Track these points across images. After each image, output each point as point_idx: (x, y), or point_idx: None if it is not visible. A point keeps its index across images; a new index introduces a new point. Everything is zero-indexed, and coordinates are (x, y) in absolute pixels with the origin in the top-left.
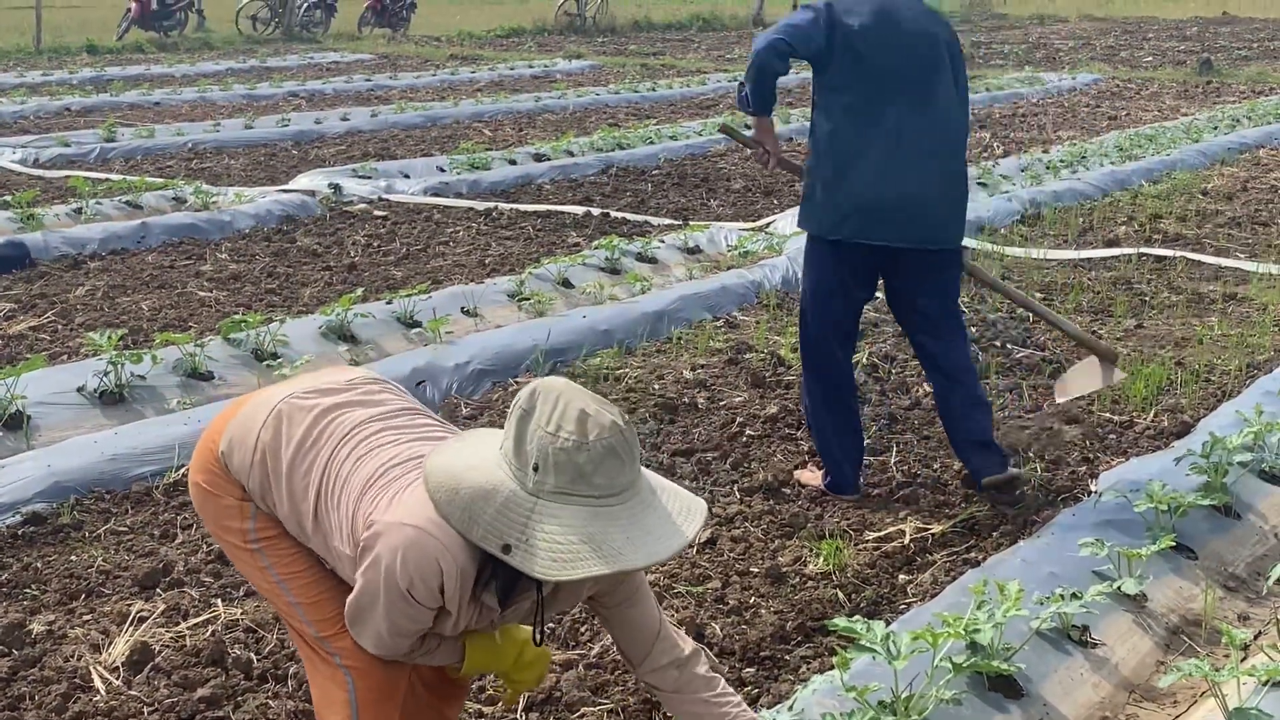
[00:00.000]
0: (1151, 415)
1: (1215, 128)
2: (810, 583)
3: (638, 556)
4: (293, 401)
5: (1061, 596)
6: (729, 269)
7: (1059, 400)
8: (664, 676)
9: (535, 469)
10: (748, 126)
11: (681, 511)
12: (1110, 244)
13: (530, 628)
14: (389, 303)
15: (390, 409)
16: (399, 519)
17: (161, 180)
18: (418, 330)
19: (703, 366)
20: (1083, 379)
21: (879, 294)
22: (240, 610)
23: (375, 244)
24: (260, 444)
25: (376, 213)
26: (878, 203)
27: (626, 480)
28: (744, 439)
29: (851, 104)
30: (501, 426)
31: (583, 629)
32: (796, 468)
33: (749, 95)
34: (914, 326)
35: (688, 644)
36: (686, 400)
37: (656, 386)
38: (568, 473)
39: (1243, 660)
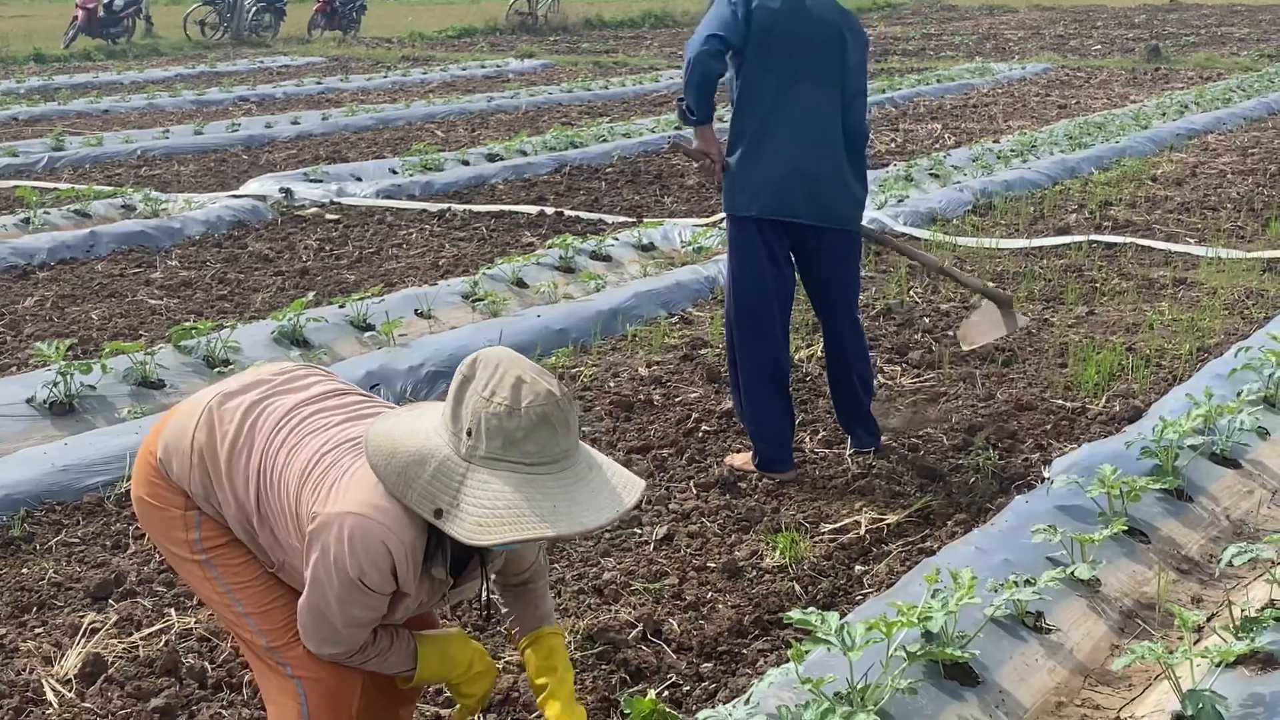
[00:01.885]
0: (1103, 401)
1: (1164, 114)
2: (767, 576)
3: (562, 525)
4: (222, 399)
5: (1015, 583)
6: (683, 265)
7: (963, 349)
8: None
9: (469, 434)
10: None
11: (617, 488)
12: (1061, 232)
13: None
14: (342, 307)
15: (318, 392)
16: (341, 508)
17: (110, 188)
18: (371, 334)
19: (658, 363)
20: (984, 327)
21: None
22: (194, 619)
23: (327, 248)
24: (196, 446)
25: (328, 216)
26: (788, 180)
27: (559, 450)
28: (700, 434)
29: (764, 86)
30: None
31: None
32: (728, 456)
33: (692, 105)
34: (816, 299)
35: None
36: (642, 397)
37: (612, 384)
38: (499, 438)
39: (1196, 642)
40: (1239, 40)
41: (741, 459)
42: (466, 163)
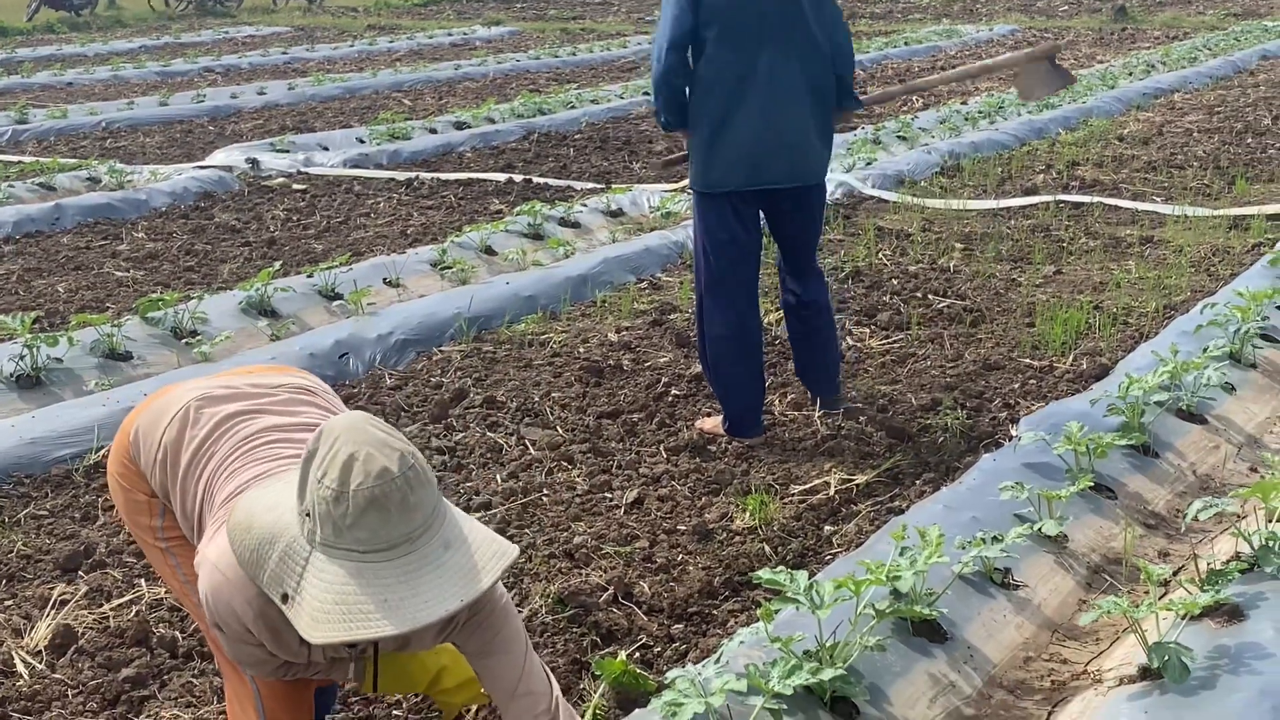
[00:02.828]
0: (1071, 359)
1: (1130, 74)
2: (737, 538)
3: (388, 624)
4: (204, 402)
5: (983, 540)
6: (652, 231)
7: (1028, 102)
8: None
9: (307, 515)
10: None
11: (478, 565)
12: (1028, 192)
13: (452, 651)
14: (310, 276)
15: (299, 422)
16: (206, 554)
17: (75, 161)
18: (340, 303)
19: (627, 328)
20: (1041, 81)
21: None
22: (164, 590)
23: (295, 218)
24: (164, 442)
25: (296, 186)
26: (760, 148)
27: (398, 534)
28: (669, 399)
29: (724, 61)
30: (423, 400)
31: None
32: (698, 421)
33: (667, 117)
34: (784, 251)
35: (548, 698)
36: (612, 363)
37: (581, 350)
38: (329, 524)
39: (1162, 596)
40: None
41: (711, 423)
42: (434, 131)
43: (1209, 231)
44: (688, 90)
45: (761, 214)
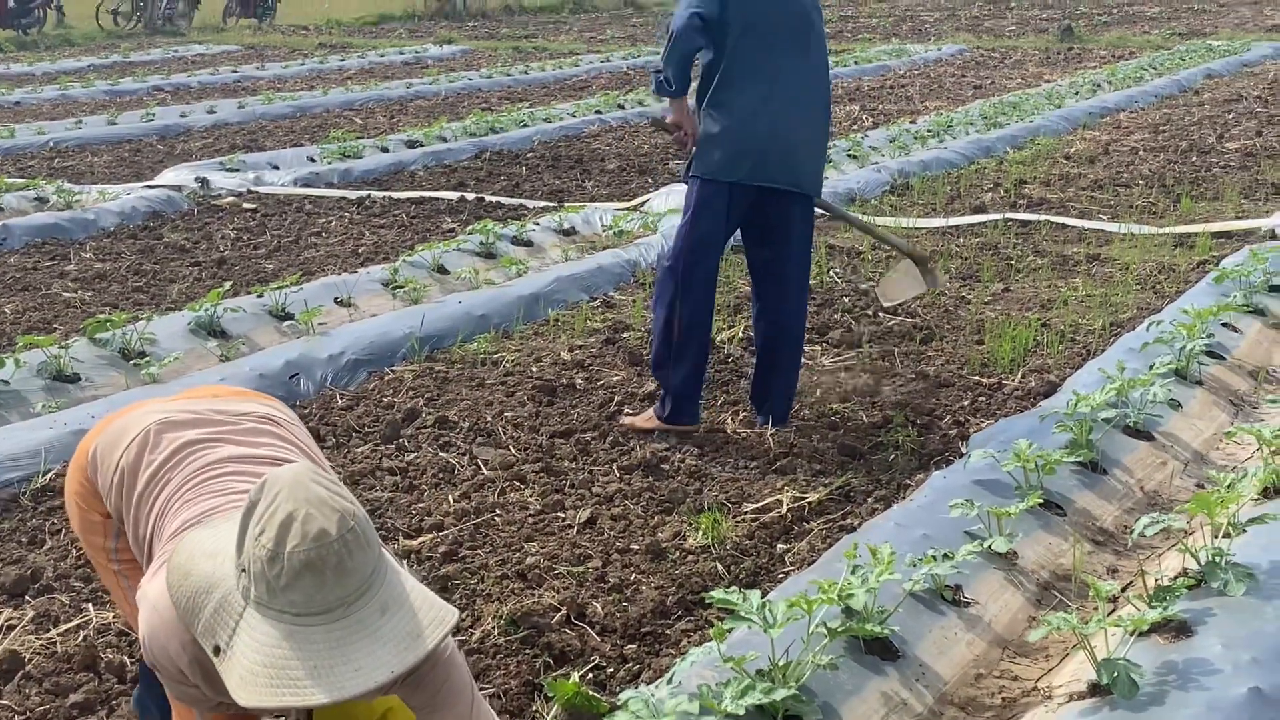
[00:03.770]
0: (1019, 376)
1: (1077, 93)
2: (690, 557)
3: (318, 691)
4: (163, 426)
5: (934, 558)
6: (605, 249)
7: (884, 305)
8: None
9: (242, 570)
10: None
11: (421, 629)
12: (977, 210)
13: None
14: (260, 296)
15: (260, 455)
16: (146, 591)
17: (22, 180)
18: (290, 323)
19: (580, 347)
20: (904, 283)
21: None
22: (112, 615)
23: (245, 237)
24: (121, 465)
25: (246, 205)
26: (772, 146)
27: (333, 598)
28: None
29: (745, 58)
30: (375, 420)
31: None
32: (623, 418)
33: (671, 76)
34: (764, 273)
35: None
36: (565, 381)
37: (534, 369)
38: (263, 583)
39: (1111, 612)
40: (1150, 19)
41: (643, 418)
42: (386, 149)
43: (1155, 249)
44: (711, 83)
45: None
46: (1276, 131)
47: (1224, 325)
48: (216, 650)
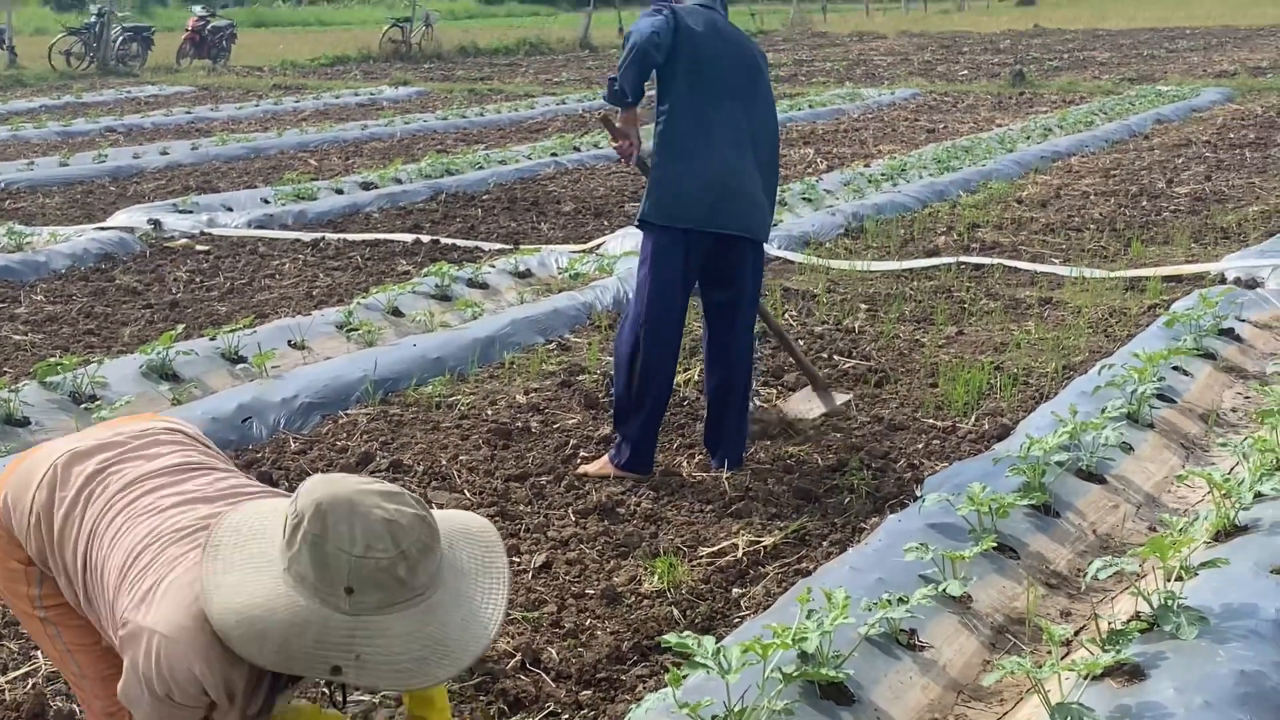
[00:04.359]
0: (973, 419)
1: (1029, 137)
2: (646, 601)
3: (472, 643)
4: (71, 459)
5: (889, 602)
6: (560, 291)
7: (790, 416)
8: None
9: (349, 591)
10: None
11: (481, 560)
12: (930, 254)
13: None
14: (213, 339)
15: (166, 465)
16: (150, 623)
17: None
18: (243, 366)
19: (535, 390)
20: (805, 404)
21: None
22: (46, 663)
23: (198, 280)
24: (35, 505)
25: (199, 248)
26: (719, 192)
27: (438, 563)
28: (578, 461)
29: (693, 102)
30: (329, 464)
31: None
32: (577, 466)
33: (627, 87)
34: (718, 318)
35: None
36: (520, 425)
37: (489, 412)
38: (388, 587)
39: (1064, 656)
40: (1100, 64)
41: (596, 466)
42: (340, 191)
43: (1106, 293)
44: (662, 130)
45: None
46: (1225, 176)
47: (1175, 369)
48: (336, 670)
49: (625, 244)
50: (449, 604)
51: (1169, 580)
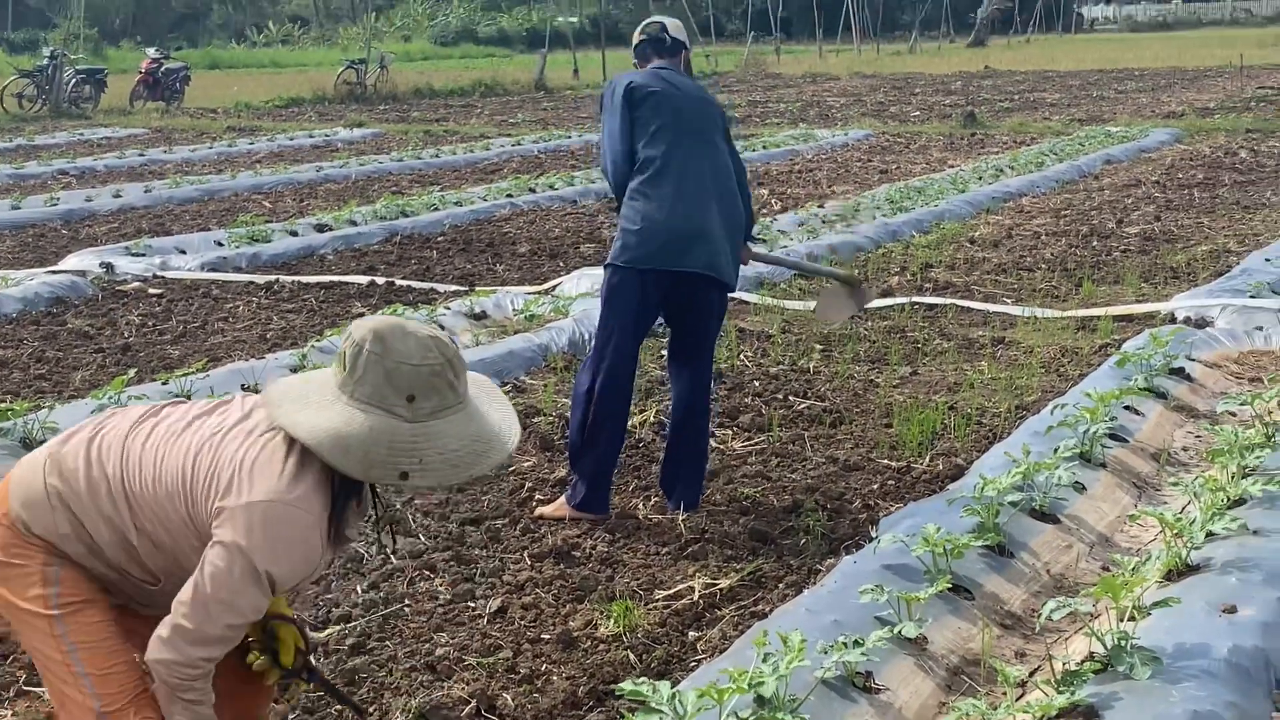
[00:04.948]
0: (928, 460)
1: (980, 178)
2: (602, 646)
3: (508, 435)
4: (58, 446)
5: (845, 644)
6: (516, 333)
7: (823, 328)
8: None
9: (411, 399)
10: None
11: (486, 387)
12: (884, 294)
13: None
14: (165, 383)
15: (140, 413)
16: (250, 499)
17: None
18: None
19: None
20: (839, 305)
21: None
22: (10, 712)
23: (150, 323)
24: (51, 491)
25: (151, 291)
26: (683, 234)
27: (469, 380)
28: (533, 504)
29: (656, 155)
30: None
31: None
32: (534, 508)
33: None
34: (680, 359)
35: None
36: None
37: None
38: (441, 391)
39: (1019, 697)
40: (1050, 105)
41: (553, 508)
42: (295, 233)
43: (1058, 332)
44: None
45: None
46: (1174, 216)
47: (1126, 408)
48: (404, 475)
49: (581, 285)
50: (483, 411)
51: (1122, 620)
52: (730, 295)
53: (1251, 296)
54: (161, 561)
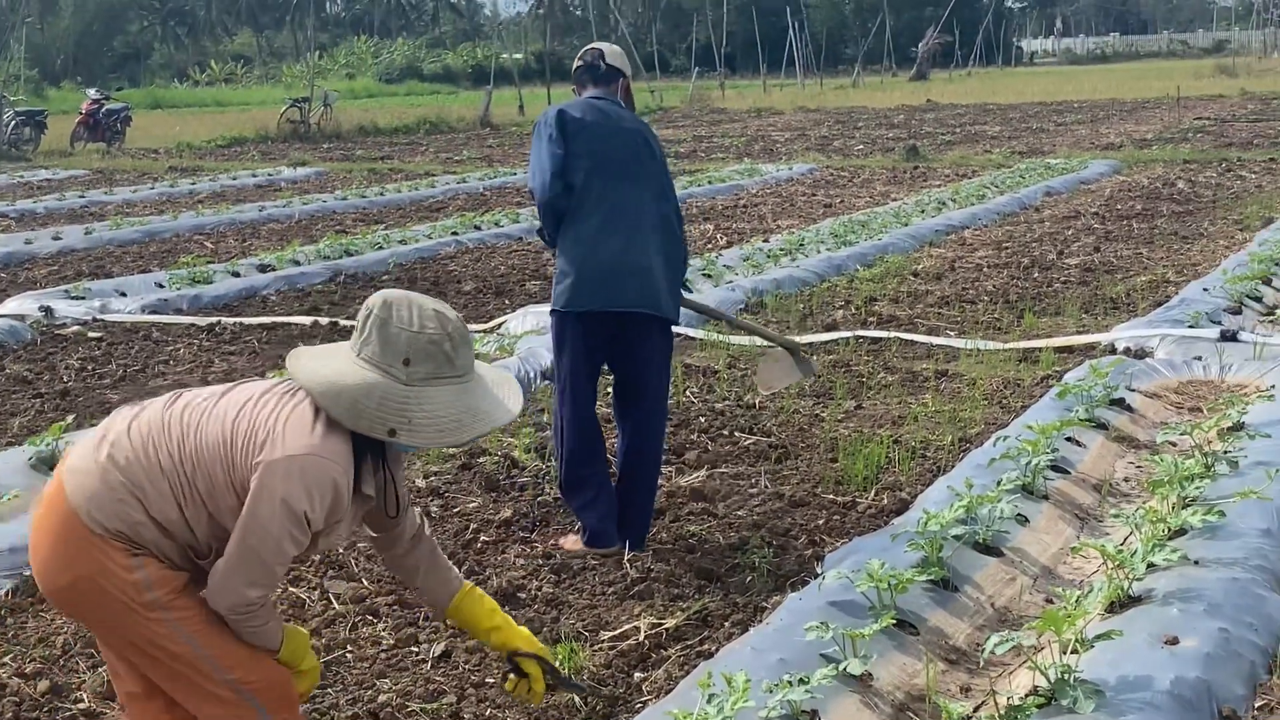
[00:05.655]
0: (872, 494)
1: (923, 211)
2: (547, 690)
3: (500, 415)
4: (108, 446)
5: (790, 683)
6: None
7: (763, 393)
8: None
9: (406, 363)
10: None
11: (503, 380)
12: (829, 328)
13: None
14: None
15: (165, 399)
16: (285, 452)
17: None
18: None
19: (435, 473)
20: (779, 372)
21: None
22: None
23: (90, 367)
24: (112, 484)
25: (91, 334)
26: (614, 271)
27: (473, 359)
28: (478, 545)
29: (587, 190)
30: None
31: None
32: (561, 536)
33: (550, 232)
34: (625, 398)
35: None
36: (419, 509)
37: None
38: (437, 359)
39: None
40: (991, 138)
41: (571, 540)
42: (237, 274)
43: (1000, 365)
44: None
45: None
46: (1114, 247)
47: (1068, 439)
48: (392, 432)
49: (527, 323)
50: (481, 390)
51: (1065, 653)
52: (676, 330)
53: (1190, 326)
54: (207, 530)
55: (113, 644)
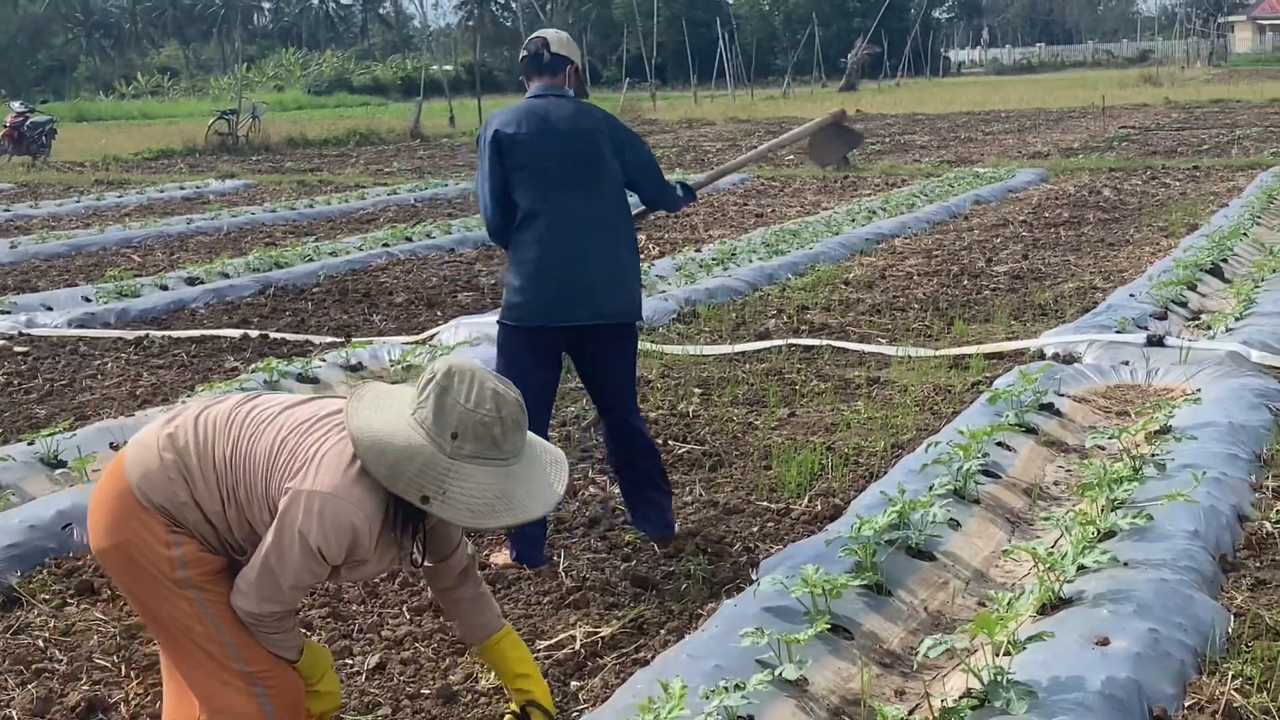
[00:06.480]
0: (806, 501)
1: (854, 220)
2: (483, 699)
3: (536, 506)
4: (166, 427)
5: (726, 689)
6: (393, 384)
7: (822, 169)
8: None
9: (454, 436)
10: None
11: (553, 462)
12: (761, 337)
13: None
14: (31, 444)
15: (236, 400)
16: (312, 486)
17: None
18: (63, 470)
19: None
20: (832, 148)
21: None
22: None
23: (16, 382)
24: (166, 463)
25: (16, 349)
26: (560, 286)
27: (523, 444)
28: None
29: (531, 204)
30: None
31: None
32: (488, 554)
33: (503, 242)
34: (599, 401)
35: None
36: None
37: None
38: (484, 441)
39: None
40: (920, 148)
41: (502, 557)
42: (165, 287)
43: (931, 371)
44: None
45: (569, 357)
46: (1042, 254)
47: (999, 444)
48: (425, 499)
49: (459, 334)
50: (524, 476)
51: (998, 655)
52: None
53: (1118, 332)
54: (242, 532)
55: (142, 614)
